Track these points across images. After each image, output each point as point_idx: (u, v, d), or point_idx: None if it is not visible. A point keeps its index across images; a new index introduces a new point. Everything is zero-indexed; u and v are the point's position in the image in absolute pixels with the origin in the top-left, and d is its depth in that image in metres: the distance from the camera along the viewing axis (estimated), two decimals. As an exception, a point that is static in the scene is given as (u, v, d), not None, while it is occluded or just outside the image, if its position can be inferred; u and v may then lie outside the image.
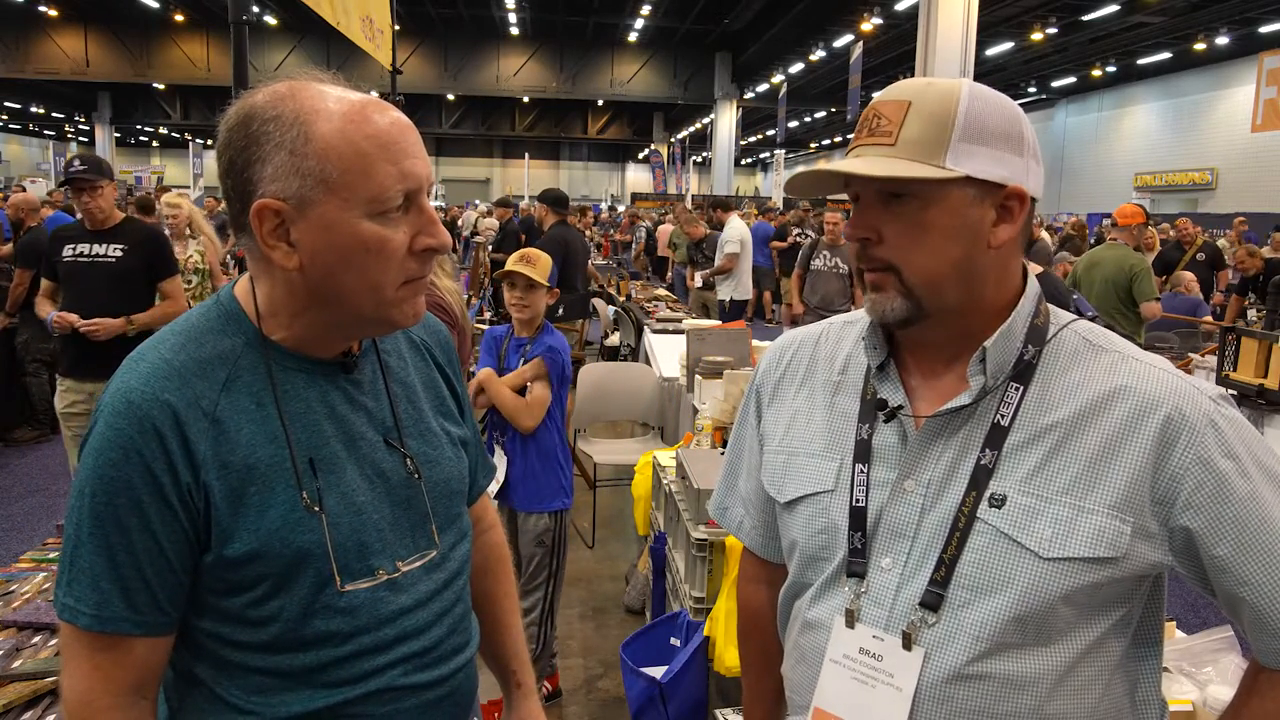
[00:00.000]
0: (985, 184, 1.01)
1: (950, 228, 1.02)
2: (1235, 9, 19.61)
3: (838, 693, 1.08)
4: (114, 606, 0.99)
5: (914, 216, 1.02)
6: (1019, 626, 1.00)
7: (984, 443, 1.03)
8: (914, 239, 1.02)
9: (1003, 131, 1.02)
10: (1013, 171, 1.03)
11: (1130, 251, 5.91)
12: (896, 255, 1.03)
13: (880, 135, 1.03)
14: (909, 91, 1.04)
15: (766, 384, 1.26)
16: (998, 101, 1.04)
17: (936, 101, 1.01)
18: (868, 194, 1.04)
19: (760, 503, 1.27)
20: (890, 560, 1.06)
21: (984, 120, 1.01)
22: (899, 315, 1.04)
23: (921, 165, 1.00)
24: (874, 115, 1.05)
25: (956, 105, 1.01)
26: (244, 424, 1.03)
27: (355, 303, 1.04)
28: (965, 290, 1.04)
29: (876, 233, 1.04)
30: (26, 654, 1.85)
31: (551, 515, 3.21)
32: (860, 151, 1.04)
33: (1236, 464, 0.98)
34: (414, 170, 1.03)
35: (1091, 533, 0.98)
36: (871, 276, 1.06)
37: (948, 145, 1.00)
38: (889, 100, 1.04)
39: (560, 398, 3.22)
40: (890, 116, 1.03)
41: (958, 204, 1.01)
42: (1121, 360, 1.05)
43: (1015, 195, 1.03)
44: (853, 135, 1.09)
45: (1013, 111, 1.04)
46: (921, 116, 1.01)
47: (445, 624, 1.16)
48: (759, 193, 41.70)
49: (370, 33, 5.84)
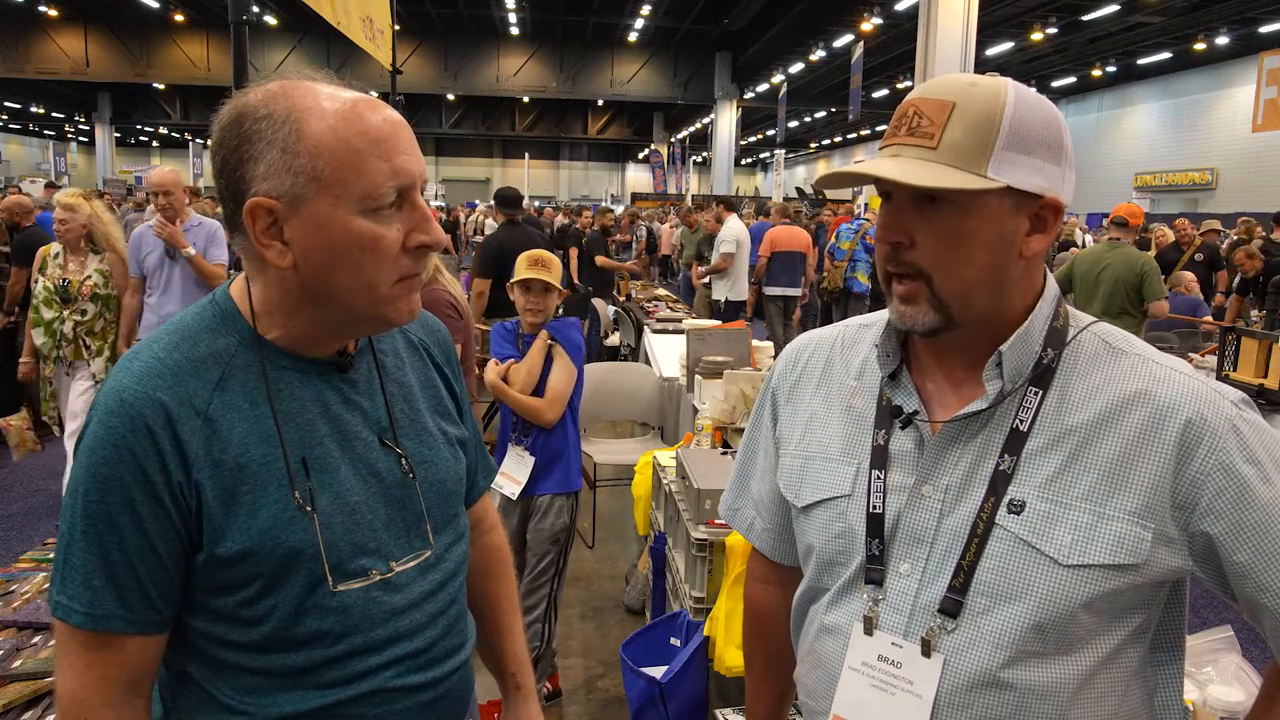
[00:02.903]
0: (1023, 194, 0.99)
1: (986, 237, 0.99)
2: (1235, 9, 19.60)
3: (857, 701, 1.07)
4: (106, 605, 0.99)
5: (950, 224, 0.99)
6: (1039, 634, 0.99)
7: (1003, 448, 1.02)
8: (949, 247, 0.99)
9: (1044, 140, 0.99)
10: (1050, 181, 1.00)
11: (1138, 250, 5.89)
12: (929, 262, 1.00)
13: (921, 136, 0.99)
14: (952, 90, 0.99)
15: (783, 386, 1.25)
16: (1041, 107, 1.00)
17: (981, 104, 0.98)
18: (901, 195, 1.01)
19: (773, 505, 1.26)
20: (909, 566, 1.05)
21: (1028, 127, 0.98)
22: (929, 326, 1.03)
23: (964, 174, 0.96)
24: (915, 113, 1.00)
25: (1002, 111, 0.97)
26: (237, 423, 1.03)
27: (349, 300, 1.04)
28: (993, 299, 1.03)
29: (909, 237, 1.00)
30: (26, 654, 1.85)
31: (569, 501, 3.22)
32: (898, 150, 1.00)
33: (1258, 469, 0.97)
34: (406, 167, 1.03)
35: (1112, 539, 0.97)
36: (903, 288, 1.02)
37: (991, 153, 0.97)
38: (931, 98, 1.00)
39: (579, 374, 3.22)
40: (932, 116, 0.99)
41: (995, 214, 0.99)
42: (1142, 364, 1.03)
43: (1051, 206, 1.01)
44: (887, 128, 1.05)
45: (1054, 118, 1.01)
46: (966, 120, 0.97)
47: (440, 625, 1.16)
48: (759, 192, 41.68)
49: (370, 33, 5.84)
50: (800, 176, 49.85)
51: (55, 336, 4.63)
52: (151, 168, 5.28)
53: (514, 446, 3.23)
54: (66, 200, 4.67)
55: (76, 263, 4.65)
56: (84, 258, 4.67)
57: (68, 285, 4.60)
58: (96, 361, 4.69)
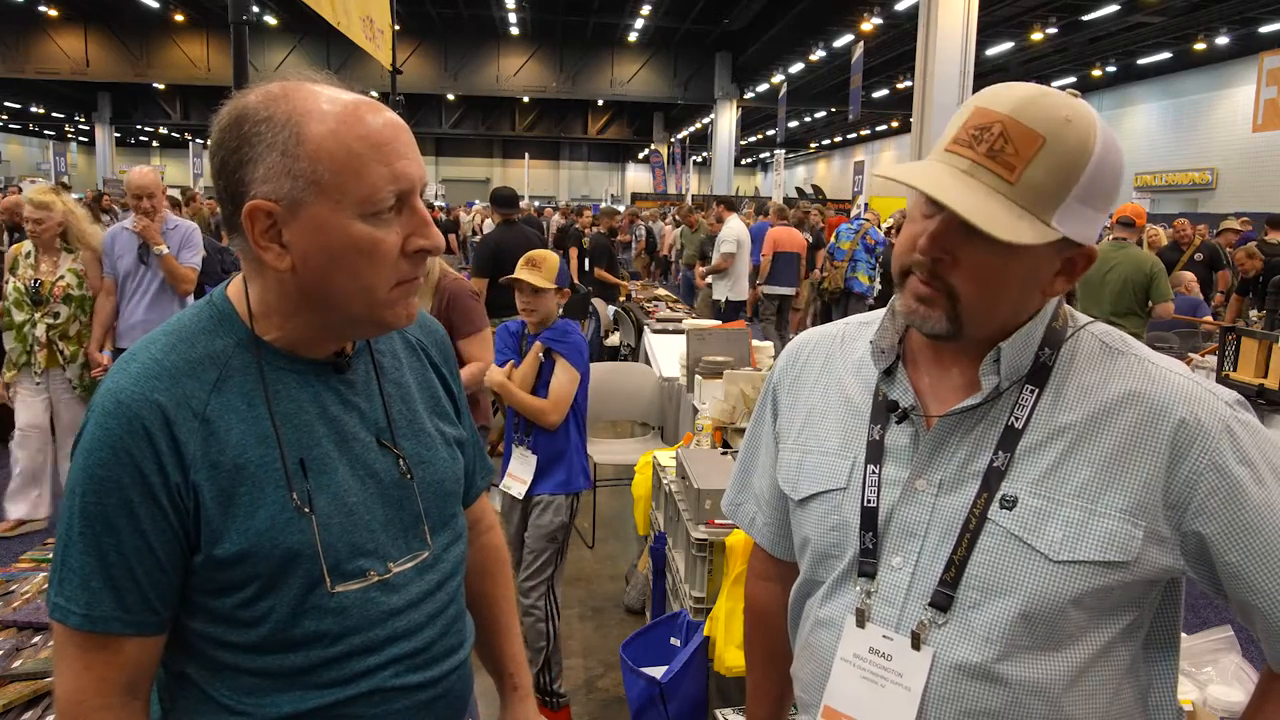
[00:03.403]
0: (1068, 242, 0.98)
1: (1022, 275, 1.00)
2: (1235, 9, 19.59)
3: (847, 692, 1.09)
4: (104, 606, 0.99)
5: (995, 258, 0.97)
6: (1028, 628, 1.00)
7: (997, 444, 1.03)
8: (987, 279, 0.99)
9: (1107, 192, 0.98)
10: (1094, 232, 1.00)
11: (1144, 251, 5.89)
12: (963, 286, 0.99)
13: (1002, 165, 0.95)
14: (1045, 122, 0.94)
15: (783, 382, 1.26)
16: (1116, 157, 0.98)
17: (1071, 148, 0.94)
18: (958, 215, 0.95)
19: (774, 500, 1.27)
20: (901, 559, 1.06)
21: (1102, 179, 0.97)
22: (938, 332, 1.03)
23: (1032, 221, 0.94)
24: (1001, 133, 0.95)
25: (1088, 161, 0.95)
26: (234, 424, 1.03)
27: (347, 304, 1.04)
28: (1005, 322, 1.04)
29: (952, 256, 0.99)
30: (26, 654, 1.86)
31: (569, 500, 3.21)
32: (974, 170, 0.96)
33: (1251, 470, 0.98)
34: (406, 171, 1.03)
35: (1102, 536, 0.98)
36: (923, 290, 1.01)
37: (1063, 202, 0.95)
38: (1022, 125, 0.94)
39: (584, 376, 3.22)
40: (1018, 145, 0.94)
41: (1040, 257, 0.99)
42: (1138, 363, 1.04)
43: (1086, 256, 1.02)
44: (959, 126, 0.99)
45: (1122, 168, 0.99)
46: (1051, 162, 0.94)
47: (438, 625, 1.16)
48: (759, 192, 41.68)
49: (370, 33, 5.85)
50: (800, 176, 49.89)
51: (26, 341, 4.41)
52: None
53: (517, 447, 3.23)
54: (39, 198, 4.43)
55: (49, 262, 4.44)
56: (57, 257, 4.45)
57: (39, 286, 4.39)
58: (72, 368, 4.48)
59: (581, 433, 3.30)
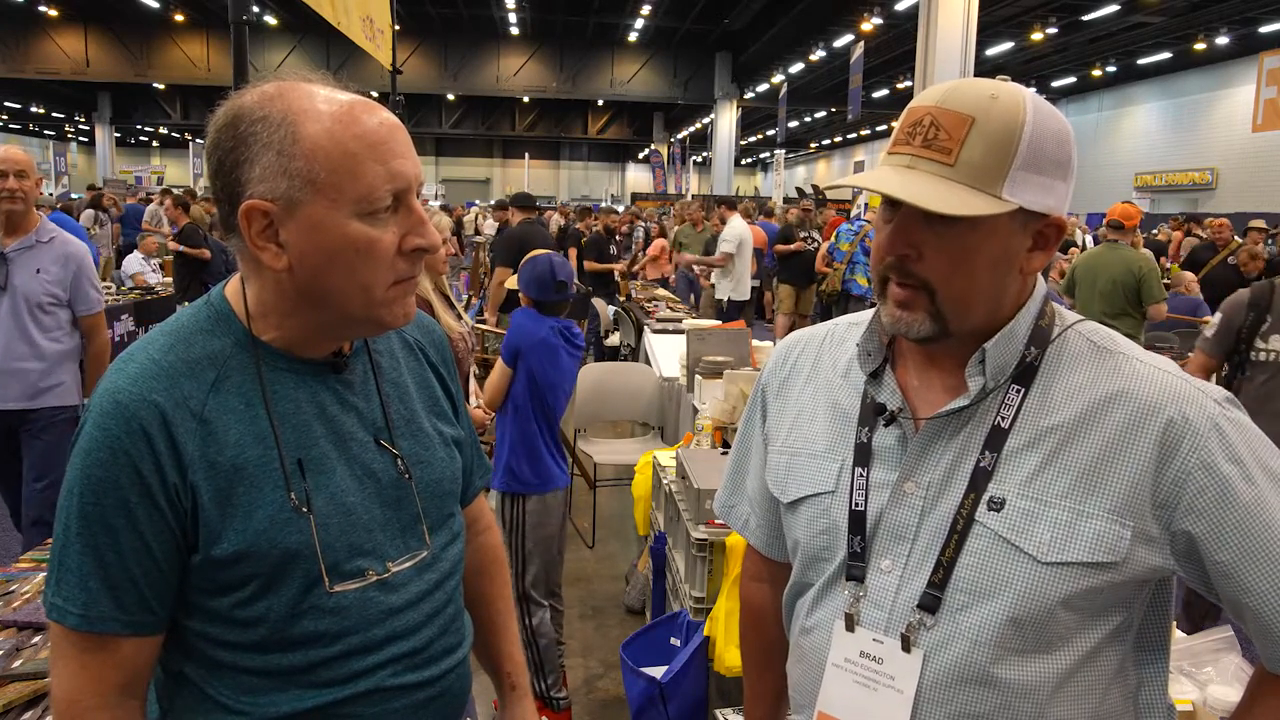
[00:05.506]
0: (1031, 213, 0.99)
1: (992, 255, 1.00)
2: (1235, 9, 19.59)
3: (840, 696, 1.08)
4: (101, 606, 0.99)
5: (958, 240, 0.98)
6: (1017, 630, 0.99)
7: (983, 445, 1.03)
8: (956, 263, 0.99)
9: (1056, 158, 1.00)
10: (1057, 199, 1.01)
11: (1135, 252, 5.89)
12: (935, 276, 1.00)
13: (938, 150, 0.98)
14: (972, 103, 0.98)
15: (772, 383, 1.26)
16: (1055, 122, 1.00)
17: (1001, 122, 0.97)
18: (911, 209, 0.99)
19: (765, 501, 1.27)
20: (890, 562, 1.06)
21: (1043, 147, 0.98)
22: (924, 334, 1.03)
23: (980, 195, 0.96)
24: (931, 123, 0.99)
25: (1021, 130, 0.97)
26: (232, 424, 1.03)
27: (344, 303, 1.04)
28: (989, 310, 1.03)
29: (917, 250, 1.00)
30: (26, 654, 1.85)
31: (511, 501, 3.17)
32: (912, 162, 0.99)
33: (1241, 469, 0.97)
34: (402, 170, 1.03)
35: (1090, 537, 0.98)
36: (901, 294, 1.02)
37: (1007, 174, 0.97)
38: (949, 110, 0.98)
39: (521, 375, 3.16)
40: (950, 130, 0.97)
41: (1002, 232, 0.99)
42: (1125, 362, 1.04)
43: (1055, 225, 1.02)
44: (897, 129, 1.02)
45: (1067, 134, 1.01)
46: (985, 138, 0.96)
47: (436, 625, 1.16)
48: (759, 192, 41.67)
49: (370, 32, 5.84)
50: (800, 176, 49.84)
51: None
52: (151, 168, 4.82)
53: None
54: None
55: None
56: None
57: None
58: None
59: (530, 432, 3.18)
